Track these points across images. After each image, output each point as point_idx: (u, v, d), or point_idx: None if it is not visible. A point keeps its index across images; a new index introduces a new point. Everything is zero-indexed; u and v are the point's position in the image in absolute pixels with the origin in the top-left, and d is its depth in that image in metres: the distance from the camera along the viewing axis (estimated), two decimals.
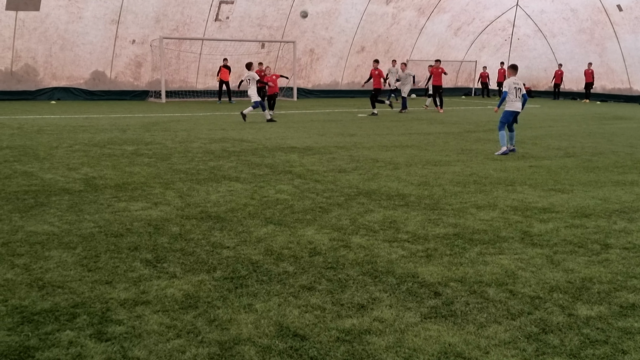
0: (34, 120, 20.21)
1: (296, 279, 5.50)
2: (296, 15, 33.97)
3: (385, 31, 37.85)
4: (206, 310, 4.78)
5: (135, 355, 4.04)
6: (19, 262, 5.84)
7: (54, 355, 4.01)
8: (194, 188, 9.43)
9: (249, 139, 15.91)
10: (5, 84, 29.14)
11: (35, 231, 6.88)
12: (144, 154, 12.84)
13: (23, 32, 28.30)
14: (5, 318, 4.56)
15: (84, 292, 5.10)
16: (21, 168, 10.87)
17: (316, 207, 8.31)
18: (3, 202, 8.23)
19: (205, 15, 31.77)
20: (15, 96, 29.35)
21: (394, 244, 6.63)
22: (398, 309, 4.85)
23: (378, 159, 12.67)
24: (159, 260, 5.96)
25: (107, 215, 7.65)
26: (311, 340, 4.28)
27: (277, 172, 10.92)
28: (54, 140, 14.86)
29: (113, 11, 29.45)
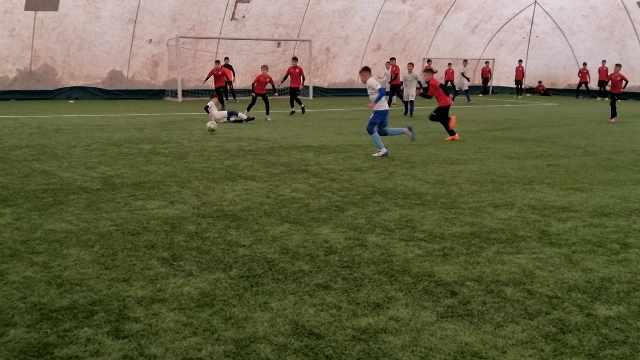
0: (53, 119, 20.36)
1: (312, 278, 5.50)
2: (312, 14, 33.99)
3: (401, 29, 37.75)
4: (222, 308, 4.79)
5: (152, 352, 4.06)
6: (38, 259, 5.88)
7: (72, 352, 4.04)
8: (210, 187, 9.46)
9: (265, 137, 15.93)
10: (25, 84, 29.38)
11: (54, 229, 6.93)
12: (160, 153, 12.90)
13: (42, 32, 28.51)
14: (24, 315, 4.60)
15: (102, 290, 5.13)
16: (40, 167, 10.95)
17: (332, 205, 8.31)
18: (22, 201, 8.29)
19: (221, 14, 31.85)
20: (34, 95, 29.58)
21: (410, 243, 6.61)
22: (414, 308, 4.84)
23: (394, 158, 12.64)
24: (175, 259, 5.99)
25: (124, 214, 7.68)
26: (327, 339, 4.28)
27: (293, 171, 10.92)
28: (72, 139, 14.96)
29: (130, 11, 29.59)
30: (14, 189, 9.00)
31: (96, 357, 3.97)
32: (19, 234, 6.74)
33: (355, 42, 36.66)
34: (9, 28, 27.96)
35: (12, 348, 4.07)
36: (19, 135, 15.49)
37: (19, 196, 8.57)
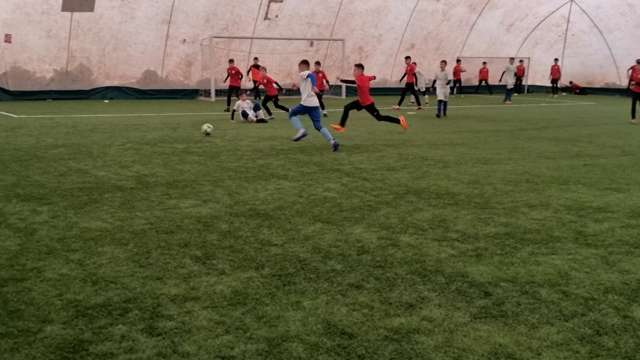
0: (88, 119, 20.62)
1: (344, 277, 5.50)
2: (345, 13, 33.96)
3: (435, 28, 37.54)
4: (254, 307, 4.81)
5: (185, 350, 4.08)
6: (73, 257, 5.96)
7: (107, 349, 4.08)
8: (242, 186, 9.50)
9: None
10: (61, 84, 29.80)
11: (89, 227, 7.02)
12: (193, 152, 12.99)
13: (78, 32, 28.89)
14: (60, 312, 4.66)
15: (136, 288, 5.18)
16: (76, 166, 11.09)
17: (364, 205, 8.29)
18: (59, 199, 8.41)
19: (254, 14, 31.97)
20: (70, 95, 29.99)
21: (443, 243, 6.57)
22: (447, 309, 4.80)
23: (427, 157, 12.58)
24: (208, 257, 6.02)
25: (158, 212, 7.75)
26: (359, 339, 4.27)
27: (326, 170, 10.92)
28: (107, 138, 15.13)
29: (164, 11, 29.85)
30: (51, 188, 9.13)
31: (130, 354, 4.01)
32: (55, 231, 6.83)
33: (388, 41, 36.54)
34: (46, 29, 28.38)
35: (49, 344, 4.12)
36: (55, 135, 15.72)
37: (56, 194, 8.69)
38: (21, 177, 9.87)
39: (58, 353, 4.01)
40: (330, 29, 34.56)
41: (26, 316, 4.56)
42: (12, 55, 28.45)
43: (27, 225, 7.08)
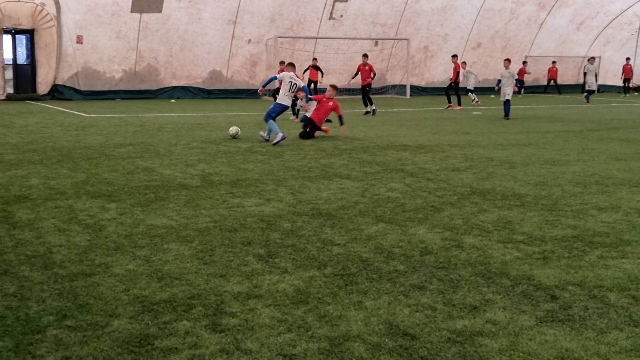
0: (155, 118, 21.03)
1: (407, 278, 5.45)
2: (411, 12, 33.75)
3: (502, 27, 36.97)
4: (316, 306, 4.81)
5: (247, 347, 4.11)
6: (140, 253, 6.08)
7: (171, 344, 4.14)
8: (305, 185, 9.53)
9: (361, 136, 15.93)
10: (130, 84, 30.50)
11: (155, 224, 7.15)
12: (257, 152, 13.10)
13: (146, 33, 29.52)
14: (127, 307, 4.75)
15: (200, 285, 5.24)
16: (143, 164, 11.32)
17: (428, 205, 8.21)
18: (126, 196, 8.60)
19: (319, 13, 32.07)
20: (138, 95, 30.66)
21: (508, 245, 6.46)
22: (512, 312, 4.72)
23: (493, 158, 12.39)
24: (271, 256, 6.06)
25: (222, 211, 7.84)
26: (421, 340, 4.23)
27: (389, 170, 10.87)
28: (173, 137, 15.40)
29: (230, 12, 30.23)
30: (119, 185, 9.34)
31: (194, 350, 4.06)
32: (123, 228, 6.98)
33: (454, 40, 36.17)
34: (116, 30, 29.09)
35: (116, 338, 4.21)
36: (123, 134, 16.08)
37: (123, 192, 8.89)
38: (91, 175, 10.13)
39: (124, 347, 4.09)
40: (395, 28, 34.40)
41: (94, 310, 4.67)
42: (83, 56, 29.25)
43: (96, 221, 7.26)
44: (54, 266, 5.66)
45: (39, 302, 4.82)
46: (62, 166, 10.95)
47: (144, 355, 3.98)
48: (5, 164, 11.13)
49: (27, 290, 5.06)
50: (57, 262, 5.77)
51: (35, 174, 10.14)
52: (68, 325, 4.39)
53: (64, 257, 5.93)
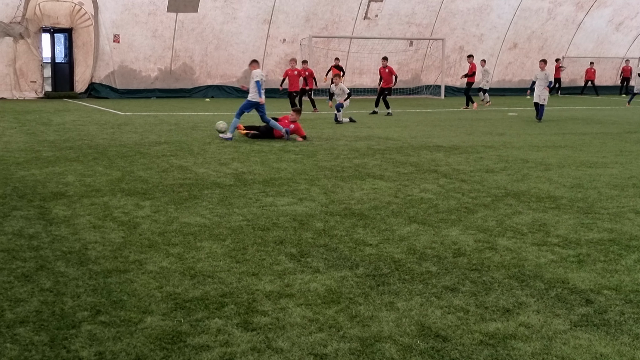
0: (189, 117, 21.19)
1: (439, 280, 5.42)
2: (446, 12, 33.54)
3: (539, 27, 36.56)
4: (348, 306, 4.80)
5: (279, 346, 4.12)
6: (173, 251, 6.13)
7: (203, 341, 4.17)
8: (338, 185, 9.52)
9: (395, 137, 15.88)
10: (165, 82, 30.78)
11: (189, 222, 7.20)
12: (290, 151, 13.13)
13: (182, 32, 29.76)
14: (160, 304, 4.79)
15: (232, 283, 5.27)
16: (177, 162, 11.41)
17: (461, 207, 8.15)
18: (160, 194, 8.67)
19: (354, 13, 32.05)
20: (173, 94, 30.91)
21: (543, 248, 6.38)
22: (546, 315, 4.66)
23: (528, 159, 12.26)
24: (303, 255, 6.06)
25: (255, 210, 7.87)
26: (453, 342, 4.20)
27: (422, 171, 10.82)
28: (207, 136, 15.50)
29: (265, 11, 30.35)
30: (153, 183, 9.42)
31: (226, 348, 4.09)
32: (157, 226, 7.05)
33: (490, 40, 35.87)
34: (152, 29, 29.38)
35: (149, 334, 4.25)
36: (158, 132, 16.23)
37: (157, 190, 8.97)
38: (126, 173, 10.24)
39: (157, 343, 4.13)
40: (431, 29, 34.23)
41: (128, 307, 4.72)
42: (119, 55, 29.59)
43: (131, 219, 7.33)
44: (89, 262, 5.74)
45: (74, 297, 4.89)
46: (98, 164, 11.09)
47: (175, 352, 4.01)
48: (43, 161, 11.30)
49: (63, 286, 5.13)
50: (92, 259, 5.84)
51: (71, 171, 10.28)
52: (102, 321, 4.45)
53: (98, 253, 6.01)
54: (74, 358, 3.92)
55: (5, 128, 16.45)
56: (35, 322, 4.43)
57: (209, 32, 30.17)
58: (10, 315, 4.54)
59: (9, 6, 27.11)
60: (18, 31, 27.73)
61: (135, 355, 3.96)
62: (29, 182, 9.31)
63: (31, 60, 28.75)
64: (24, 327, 4.34)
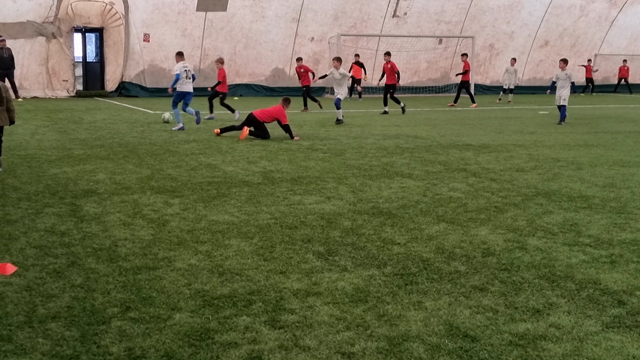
0: (218, 115, 21.28)
1: (468, 279, 5.38)
2: (476, 9, 33.30)
3: (571, 24, 36.14)
4: (375, 305, 4.79)
5: (306, 344, 4.12)
6: (202, 248, 6.16)
7: (231, 339, 4.18)
8: (366, 184, 9.50)
9: (423, 135, 15.80)
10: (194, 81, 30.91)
11: (217, 220, 7.23)
12: (318, 149, 13.13)
13: (211, 31, 29.92)
14: (188, 301, 4.82)
15: (260, 281, 5.28)
16: (205, 160, 11.47)
17: (491, 206, 8.09)
18: (189, 192, 8.72)
19: (383, 11, 31.96)
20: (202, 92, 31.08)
21: (574, 248, 6.31)
22: (577, 316, 4.60)
23: (559, 159, 12.12)
24: (330, 253, 6.06)
25: (283, 208, 7.88)
26: (482, 342, 4.16)
27: (451, 170, 10.75)
28: (236, 134, 15.55)
29: (294, 10, 30.38)
30: (182, 181, 9.48)
31: (253, 345, 4.09)
32: (185, 223, 7.09)
33: (521, 38, 35.54)
34: (182, 28, 29.57)
35: (177, 331, 4.28)
36: (187, 130, 16.33)
37: (186, 188, 9.02)
38: (155, 171, 10.32)
39: (185, 340, 4.15)
40: (460, 26, 34.02)
41: (157, 303, 4.75)
42: (149, 54, 29.84)
43: (160, 216, 7.38)
44: (118, 259, 5.79)
45: (104, 293, 4.93)
46: (128, 162, 11.19)
47: (204, 349, 4.03)
48: (74, 158, 11.43)
49: (93, 282, 5.18)
50: (122, 256, 5.89)
51: (102, 169, 10.38)
52: (131, 317, 4.48)
53: (128, 250, 6.06)
54: (104, 353, 3.96)
55: (38, 126, 16.67)
56: (67, 317, 4.48)
57: (238, 30, 30.28)
58: (43, 310, 4.59)
59: (42, 6, 27.45)
60: (50, 31, 28.08)
61: (164, 352, 3.99)
62: (60, 180, 9.42)
63: (63, 60, 29.09)
64: (56, 322, 4.39)
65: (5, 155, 11.49)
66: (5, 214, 7.33)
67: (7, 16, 26.72)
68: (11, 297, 4.84)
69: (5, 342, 4.09)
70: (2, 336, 4.17)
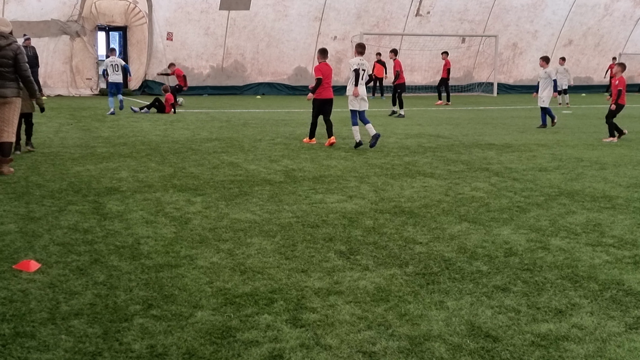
0: (241, 114, 21.35)
1: (490, 279, 5.36)
2: (499, 8, 33.10)
3: (596, 23, 35.78)
4: (397, 304, 4.78)
5: (327, 343, 4.12)
6: (223, 247, 6.18)
7: (252, 337, 4.19)
8: (388, 183, 9.48)
9: (446, 134, 15.74)
10: (217, 80, 31.07)
11: (239, 218, 7.26)
12: (340, 148, 13.12)
13: (234, 30, 30.00)
14: (210, 299, 4.84)
15: (282, 279, 5.29)
16: (228, 159, 11.51)
17: (513, 206, 8.04)
18: (211, 190, 8.76)
19: (405, 10, 31.87)
20: (224, 91, 31.18)
21: (597, 248, 6.25)
22: (600, 317, 4.56)
23: (583, 158, 12.02)
24: (352, 252, 6.05)
25: (305, 206, 7.89)
26: (504, 343, 4.14)
27: (474, 169, 10.70)
28: (258, 133, 15.60)
29: (317, 8, 30.39)
30: (204, 179, 9.52)
31: (274, 344, 4.10)
32: (208, 221, 7.12)
33: (544, 37, 35.25)
34: (205, 27, 29.69)
35: (199, 329, 4.30)
36: (210, 129, 16.40)
37: (209, 186, 9.06)
38: (178, 169, 10.37)
39: (207, 338, 4.17)
40: (483, 25, 33.82)
41: (179, 301, 4.78)
42: (172, 53, 29.97)
43: (182, 214, 7.42)
44: (141, 257, 5.83)
45: (127, 291, 4.97)
46: (150, 160, 11.26)
47: (225, 347, 4.05)
48: (97, 156, 11.53)
49: (116, 280, 5.22)
50: (144, 253, 5.93)
51: (125, 167, 10.46)
52: (154, 315, 4.51)
53: (151, 248, 6.10)
54: (126, 351, 3.99)
55: (62, 124, 16.83)
56: (89, 314, 4.52)
57: (261, 29, 30.34)
58: (66, 307, 4.64)
59: (66, 5, 27.69)
60: (74, 29, 28.31)
61: (186, 349, 4.01)
62: (84, 178, 9.51)
63: (87, 58, 29.32)
64: (79, 319, 4.43)
65: (30, 153, 11.63)
66: (29, 212, 7.41)
67: (32, 15, 26.98)
68: (34, 294, 4.89)
69: (28, 339, 4.13)
70: (25, 333, 4.22)
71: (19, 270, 5.39)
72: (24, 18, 26.58)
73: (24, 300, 4.75)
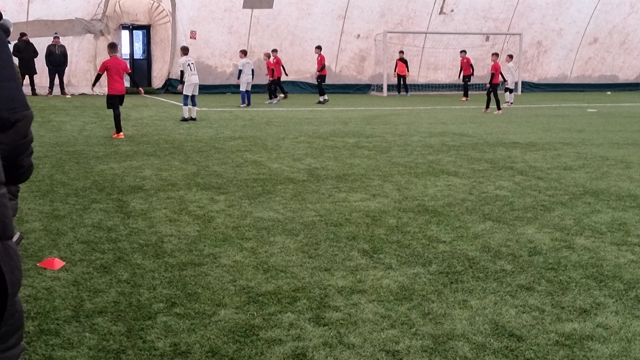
0: (264, 112, 21.40)
1: (514, 278, 5.32)
2: (524, 6, 32.85)
3: (621, 21, 35.38)
4: (420, 303, 4.77)
5: (350, 341, 4.12)
6: (247, 245, 6.20)
7: (275, 335, 4.21)
8: (411, 181, 9.46)
9: (470, 133, 15.66)
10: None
11: (262, 217, 7.27)
12: (364, 147, 13.10)
13: (257, 28, 30.07)
14: (233, 297, 4.86)
15: (305, 278, 5.30)
16: (251, 157, 11.54)
17: (538, 205, 7.98)
18: (235, 189, 8.79)
19: (429, 8, 31.74)
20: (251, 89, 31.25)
21: (622, 248, 6.19)
22: (625, 317, 4.52)
23: (608, 157, 11.90)
24: (375, 251, 6.05)
25: (328, 205, 7.89)
26: (528, 342, 4.11)
27: (498, 168, 10.63)
28: (281, 131, 15.62)
29: (340, 7, 30.36)
30: (228, 178, 9.56)
31: (298, 342, 4.11)
32: (231, 220, 7.15)
33: (569, 35, 34.91)
34: (228, 25, 29.78)
35: (222, 327, 4.32)
36: (233, 127, 16.45)
37: (232, 184, 9.09)
38: (201, 167, 10.42)
39: (230, 336, 4.19)
40: (508, 23, 33.58)
41: (202, 299, 4.81)
42: (196, 51, 30.06)
43: (206, 212, 7.46)
44: (164, 255, 5.86)
45: (150, 289, 5.00)
46: (174, 158, 11.32)
47: (248, 345, 4.06)
48: (121, 155, 11.61)
49: (140, 278, 5.26)
50: (167, 251, 5.97)
51: (148, 166, 10.53)
52: (177, 313, 4.54)
53: (174, 246, 6.13)
54: (149, 348, 4.02)
55: (86, 123, 16.98)
56: (113, 312, 4.55)
57: (284, 28, 30.38)
58: (90, 305, 4.68)
59: (90, 4, 27.91)
60: (98, 28, 28.54)
61: (209, 347, 4.03)
62: (107, 176, 9.58)
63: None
64: (102, 317, 4.47)
65: (54, 151, 11.75)
66: (53, 210, 7.49)
67: (57, 14, 27.23)
68: (59, 291, 4.94)
69: (52, 336, 4.18)
70: (50, 330, 4.26)
71: (44, 268, 5.44)
72: (49, 17, 26.86)
73: (48, 298, 4.80)
